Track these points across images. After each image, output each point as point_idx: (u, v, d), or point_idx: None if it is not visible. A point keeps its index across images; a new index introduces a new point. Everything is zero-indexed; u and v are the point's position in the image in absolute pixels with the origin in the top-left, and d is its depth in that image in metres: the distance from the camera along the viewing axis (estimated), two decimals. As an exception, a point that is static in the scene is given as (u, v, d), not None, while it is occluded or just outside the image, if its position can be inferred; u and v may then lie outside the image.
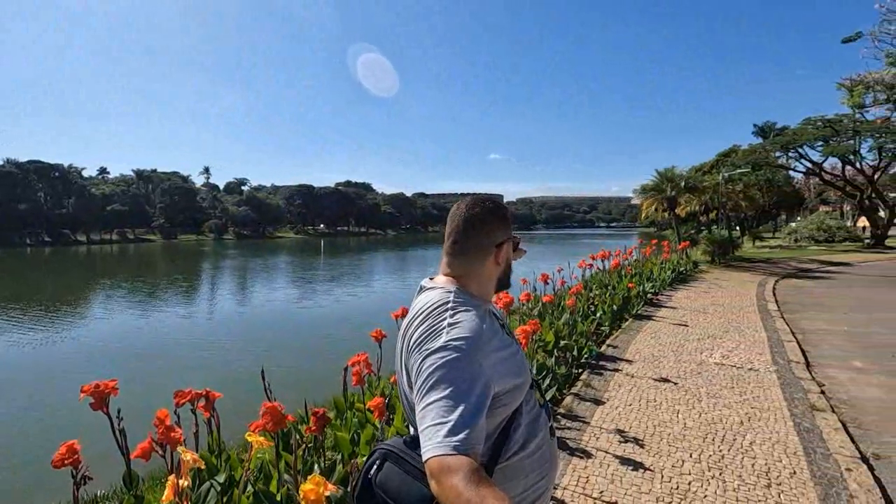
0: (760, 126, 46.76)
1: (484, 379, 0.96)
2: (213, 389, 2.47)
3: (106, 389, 2.06)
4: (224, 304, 15.61)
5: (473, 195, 1.19)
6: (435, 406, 0.91)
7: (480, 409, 0.91)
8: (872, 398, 4.32)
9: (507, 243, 1.16)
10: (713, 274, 13.34)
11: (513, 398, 1.06)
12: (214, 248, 55.35)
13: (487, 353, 1.00)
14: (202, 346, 9.56)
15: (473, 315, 1.04)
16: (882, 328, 7.01)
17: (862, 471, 2.96)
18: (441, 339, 0.99)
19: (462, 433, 0.86)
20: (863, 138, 22.57)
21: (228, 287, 20.77)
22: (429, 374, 0.95)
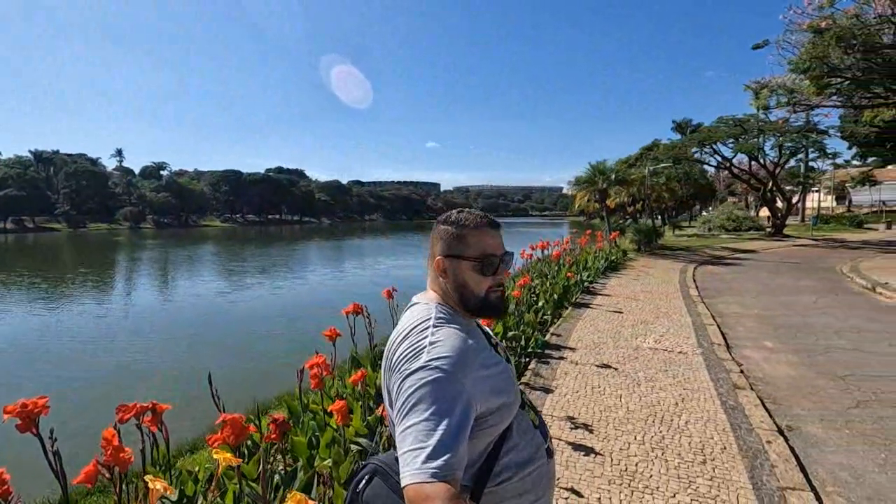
0: (679, 122, 50.32)
1: (465, 399, 0.92)
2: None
3: (35, 409, 1.85)
4: (145, 300, 14.49)
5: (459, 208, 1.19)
6: (413, 430, 0.88)
7: (461, 433, 0.89)
8: (783, 375, 4.82)
9: (448, 259, 1.10)
10: (640, 262, 14.24)
11: (500, 419, 1.03)
12: (130, 239, 51.05)
13: (470, 371, 0.97)
14: (123, 348, 8.84)
15: (456, 331, 1.02)
16: (786, 310, 7.83)
17: (780, 442, 3.30)
18: (421, 359, 0.96)
19: (440, 459, 0.84)
20: (766, 137, 24.92)
21: (149, 281, 19.27)
22: (408, 395, 0.93)
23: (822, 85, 13.84)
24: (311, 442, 2.80)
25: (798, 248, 19.51)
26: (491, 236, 1.10)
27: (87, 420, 5.14)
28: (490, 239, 1.10)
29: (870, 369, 4.92)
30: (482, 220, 1.12)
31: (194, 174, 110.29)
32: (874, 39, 12.18)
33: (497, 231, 1.13)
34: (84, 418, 5.24)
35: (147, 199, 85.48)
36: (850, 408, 3.98)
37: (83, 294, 15.37)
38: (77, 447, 3.90)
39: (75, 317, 11.81)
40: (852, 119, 27.70)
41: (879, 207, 46.65)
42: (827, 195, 53.54)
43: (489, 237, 1.10)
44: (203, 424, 4.38)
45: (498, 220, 1.16)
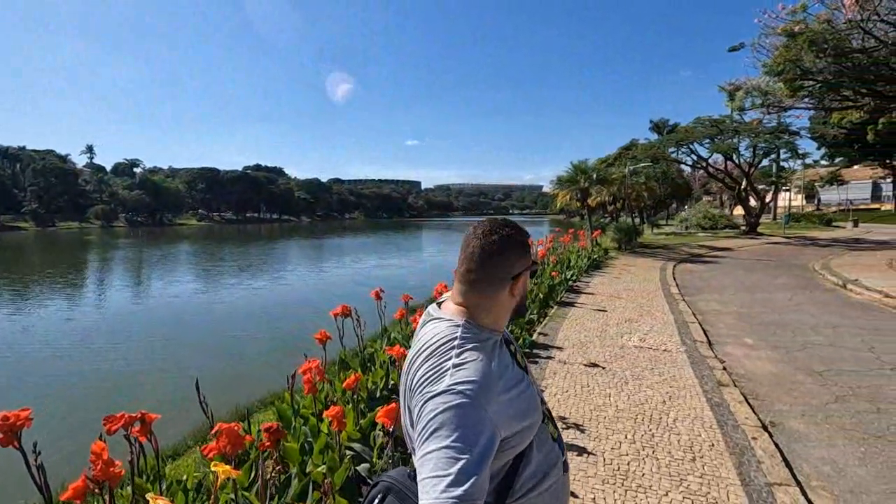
0: (656, 122, 51.24)
1: (490, 428, 0.90)
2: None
3: (17, 421, 1.77)
4: (117, 302, 14.06)
5: (490, 219, 1.07)
6: (434, 456, 0.86)
7: (484, 461, 0.87)
8: (764, 371, 4.95)
9: (525, 274, 1.08)
10: (622, 260, 14.45)
11: (522, 439, 1.01)
12: (102, 238, 49.56)
13: (494, 396, 0.94)
14: (97, 353, 8.57)
15: (481, 355, 0.98)
16: (764, 308, 8.03)
17: (765, 438, 3.38)
18: (444, 382, 0.93)
19: (462, 487, 0.82)
20: (741, 138, 25.55)
21: (121, 282, 18.73)
22: (430, 419, 0.90)
23: (795, 87, 14.23)
24: (304, 448, 2.75)
25: (772, 246, 20.06)
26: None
27: (65, 429, 4.97)
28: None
29: (845, 365, 5.08)
30: (521, 227, 1.12)
31: (169, 171, 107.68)
32: (844, 44, 12.56)
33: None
34: (62, 427, 5.07)
35: (119, 197, 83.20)
36: (829, 403, 4.10)
37: (50, 297, 14.85)
38: (56, 457, 3.77)
39: (42, 321, 11.38)
40: (821, 121, 28.65)
41: (847, 206, 48.27)
42: (797, 194, 55.18)
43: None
44: (185, 428, 4.28)
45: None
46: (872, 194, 56.75)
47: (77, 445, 4.33)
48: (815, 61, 12.87)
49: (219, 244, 38.76)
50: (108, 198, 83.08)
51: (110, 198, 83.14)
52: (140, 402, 4.36)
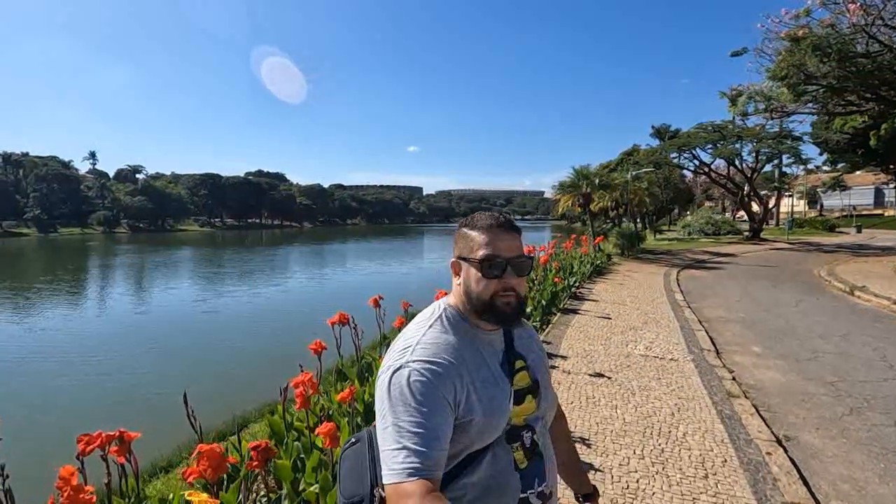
0: (657, 128, 51.22)
1: (445, 402, 0.93)
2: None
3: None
4: (114, 308, 13.94)
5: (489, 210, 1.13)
6: (393, 428, 0.90)
7: (439, 434, 0.90)
8: (773, 381, 4.80)
9: (467, 263, 1.04)
10: (625, 266, 14.30)
11: (469, 439, 0.98)
12: (104, 244, 49.50)
13: (451, 380, 0.95)
14: (86, 361, 8.43)
15: (447, 336, 1.02)
16: (770, 314, 7.88)
17: (779, 453, 3.24)
18: (406, 357, 0.97)
19: (419, 458, 0.86)
20: (744, 143, 25.44)
21: (117, 290, 18.61)
22: (390, 393, 0.94)
23: (798, 92, 14.11)
24: (297, 465, 2.62)
25: (775, 252, 19.89)
26: (500, 237, 1.02)
27: (42, 448, 4.83)
28: (499, 240, 1.02)
29: (858, 374, 4.93)
30: (493, 220, 1.05)
31: (171, 177, 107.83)
32: (848, 48, 12.45)
33: (510, 233, 1.04)
34: (37, 445, 4.92)
35: (122, 203, 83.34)
36: (844, 415, 3.95)
37: (42, 304, 14.73)
38: (26, 478, 3.64)
39: (27, 330, 11.25)
40: (824, 126, 28.54)
41: (849, 211, 48.09)
42: (800, 199, 55.03)
43: (499, 238, 1.02)
44: (179, 440, 4.13)
45: (514, 221, 1.07)
46: (875, 200, 56.56)
47: (48, 462, 4.20)
48: (819, 66, 12.77)
49: (219, 250, 38.68)
50: (110, 204, 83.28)
51: (112, 204, 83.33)
52: (129, 414, 4.23)
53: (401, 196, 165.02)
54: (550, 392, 1.13)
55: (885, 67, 12.81)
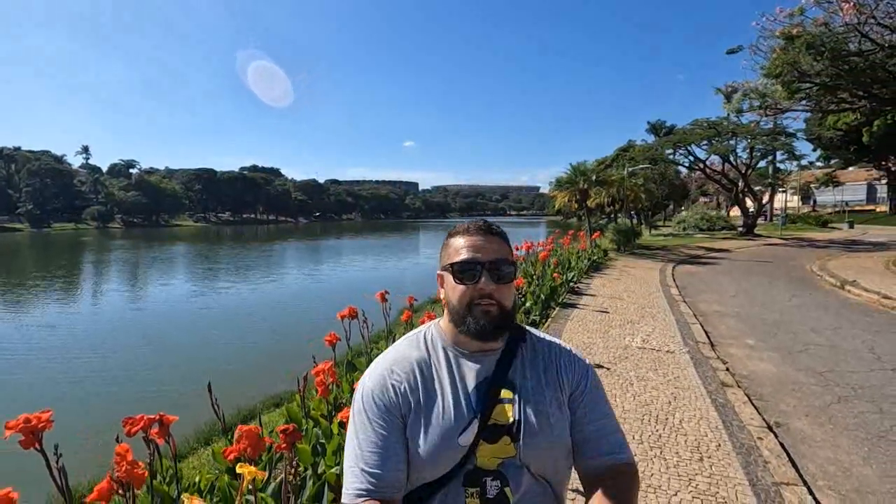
0: (653, 124, 51.41)
1: (397, 417, 0.93)
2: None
3: (39, 423, 1.77)
4: (113, 303, 14.02)
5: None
6: (352, 447, 0.93)
7: (394, 452, 0.90)
8: (766, 373, 4.98)
9: (446, 273, 0.99)
10: (621, 261, 14.50)
11: (419, 463, 0.92)
12: (98, 240, 49.25)
13: (402, 394, 0.94)
14: (99, 354, 8.55)
15: (413, 352, 1.00)
16: (764, 308, 8.09)
17: (770, 438, 3.42)
18: (367, 372, 1.01)
19: (373, 479, 0.88)
20: (739, 139, 25.69)
21: (114, 284, 18.67)
22: (353, 407, 0.98)
23: (792, 90, 14.31)
24: (316, 449, 2.76)
25: (769, 248, 20.17)
26: (476, 241, 0.97)
27: (75, 432, 4.97)
28: (474, 244, 0.96)
29: (847, 366, 5.13)
30: (471, 224, 1.02)
31: (165, 172, 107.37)
32: (841, 47, 12.65)
33: (487, 236, 0.98)
34: (73, 430, 5.06)
35: (116, 198, 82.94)
36: (832, 403, 4.14)
37: (39, 302, 14.79)
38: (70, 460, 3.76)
39: (49, 327, 11.35)
40: (817, 123, 28.85)
41: (842, 207, 48.56)
42: (793, 195, 55.51)
43: (474, 242, 0.97)
44: (186, 430, 4.26)
45: (496, 226, 1.02)
46: (867, 196, 57.18)
47: (85, 449, 4.34)
48: (813, 64, 12.96)
49: (215, 246, 38.62)
50: (103, 199, 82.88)
51: (106, 199, 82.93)
52: (144, 406, 4.34)
53: (396, 191, 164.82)
54: (548, 438, 0.94)
55: (878, 66, 13.02)
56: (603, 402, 1.01)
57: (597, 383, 1.02)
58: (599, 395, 1.01)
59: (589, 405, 0.98)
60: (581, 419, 0.98)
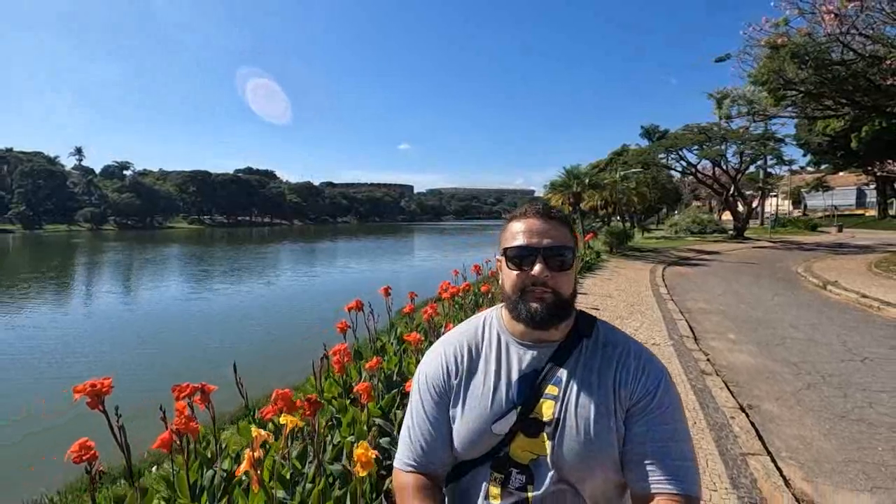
0: (646, 128, 52.08)
1: (445, 392, 0.98)
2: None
3: (102, 388, 2.07)
4: (107, 305, 14.24)
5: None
6: (407, 417, 1.03)
7: (439, 427, 0.96)
8: (744, 363, 5.33)
9: (502, 258, 0.97)
10: (613, 262, 14.88)
11: (457, 440, 0.96)
12: (92, 242, 49.08)
13: (448, 369, 0.99)
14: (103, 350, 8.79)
15: (470, 331, 1.03)
16: (748, 306, 8.46)
17: (742, 418, 3.75)
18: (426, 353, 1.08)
19: (415, 453, 0.96)
20: (729, 144, 26.24)
21: (108, 286, 18.82)
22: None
23: (778, 97, 14.77)
24: (331, 423, 3.06)
25: (758, 250, 20.63)
26: (533, 225, 0.93)
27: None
28: (529, 229, 0.92)
29: (819, 357, 5.49)
30: (528, 207, 0.97)
31: (160, 174, 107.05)
32: (824, 56, 13.13)
33: (544, 220, 0.93)
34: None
35: (109, 200, 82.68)
36: (802, 389, 4.49)
37: (49, 296, 14.97)
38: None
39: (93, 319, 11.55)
40: (807, 128, 29.44)
41: (832, 211, 49.33)
42: (784, 199, 56.32)
43: (530, 226, 0.93)
44: (202, 413, 4.53)
45: (556, 210, 0.97)
46: (857, 200, 58.04)
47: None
48: (798, 72, 13.43)
49: (210, 249, 38.71)
50: (97, 200, 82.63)
51: (99, 200, 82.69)
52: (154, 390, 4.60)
53: (392, 194, 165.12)
54: (587, 446, 0.88)
55: (859, 74, 13.51)
56: (672, 422, 0.89)
57: (668, 400, 0.90)
58: (669, 413, 0.89)
59: (651, 423, 0.88)
60: (638, 436, 0.88)
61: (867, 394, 4.33)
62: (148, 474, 3.01)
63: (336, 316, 4.22)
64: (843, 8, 12.18)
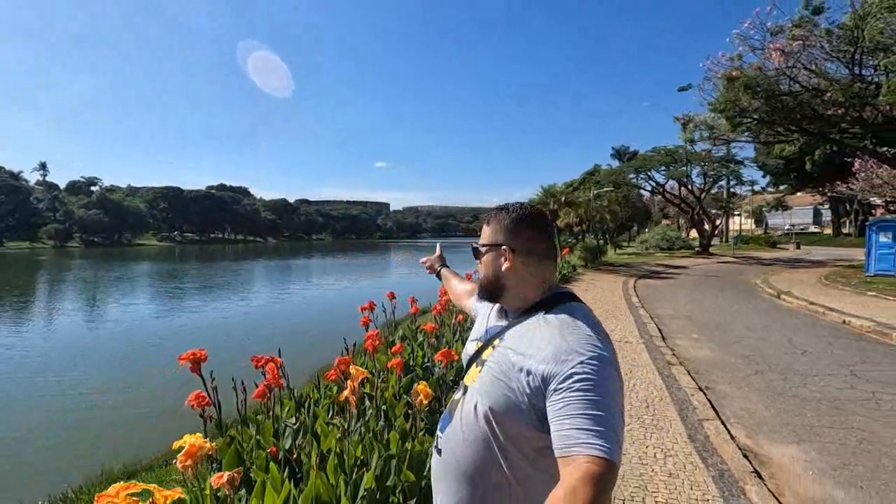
0: (617, 149, 54.32)
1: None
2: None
3: (200, 357, 2.62)
4: (67, 325, 14.30)
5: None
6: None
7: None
8: (704, 356, 6.11)
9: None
10: (588, 276, 15.77)
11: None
12: (57, 259, 47.52)
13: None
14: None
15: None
16: (711, 313, 9.35)
17: (700, 395, 4.48)
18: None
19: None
20: (693, 166, 27.91)
21: (72, 304, 18.73)
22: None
23: (735, 123, 16.11)
24: (362, 399, 3.63)
25: (722, 265, 21.95)
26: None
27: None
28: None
29: (768, 351, 6.32)
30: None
31: (128, 190, 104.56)
32: (774, 88, 14.51)
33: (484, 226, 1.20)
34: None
35: (75, 216, 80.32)
36: (751, 375, 5.27)
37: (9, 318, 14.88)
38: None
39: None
40: (764, 152, 31.51)
41: (790, 229, 52.10)
42: (747, 218, 59.15)
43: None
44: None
45: (491, 217, 1.18)
46: (814, 219, 61.40)
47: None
48: (751, 102, 14.77)
49: (181, 266, 38.26)
50: (62, 216, 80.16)
51: (65, 216, 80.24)
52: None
53: (368, 212, 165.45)
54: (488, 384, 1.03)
55: (805, 105, 14.93)
56: (572, 402, 0.84)
57: (571, 380, 0.87)
58: (570, 395, 0.86)
59: (552, 405, 0.87)
60: (550, 415, 0.88)
61: (803, 377, 5.14)
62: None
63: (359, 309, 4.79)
64: (789, 45, 13.60)
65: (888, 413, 4.14)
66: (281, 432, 2.75)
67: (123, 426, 5.62)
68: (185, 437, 1.60)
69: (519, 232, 1.12)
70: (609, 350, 0.95)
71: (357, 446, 2.38)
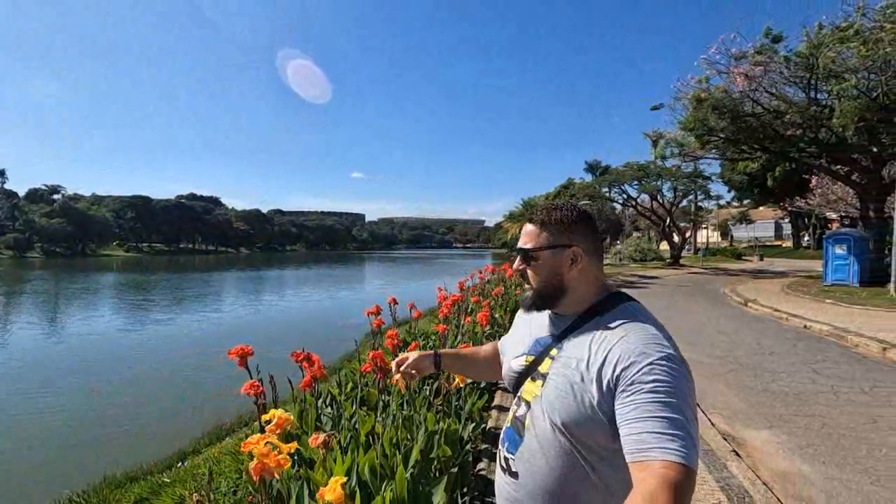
0: (590, 163, 55.88)
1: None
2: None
3: (247, 352, 2.89)
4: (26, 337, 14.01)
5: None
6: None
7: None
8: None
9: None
10: (567, 285, 16.29)
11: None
12: (14, 270, 44.89)
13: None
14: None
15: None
16: (683, 320, 9.94)
17: (682, 391, 4.91)
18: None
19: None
20: (663, 180, 29.13)
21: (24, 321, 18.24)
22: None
23: (703, 141, 17.10)
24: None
25: (692, 275, 22.94)
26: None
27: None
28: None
29: (739, 352, 6.86)
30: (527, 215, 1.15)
31: (93, 199, 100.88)
32: (738, 109, 15.52)
33: (525, 225, 1.11)
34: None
35: (36, 226, 77.05)
36: (725, 373, 5.77)
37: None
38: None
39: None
40: (729, 168, 33.10)
41: (754, 242, 54.41)
42: (714, 231, 61.49)
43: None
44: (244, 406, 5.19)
45: (534, 216, 1.09)
46: (776, 232, 64.37)
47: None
48: (718, 122, 15.75)
49: (148, 276, 37.33)
50: (21, 226, 76.84)
51: (25, 226, 76.92)
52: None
53: (343, 222, 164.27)
54: (556, 399, 0.98)
55: (767, 125, 15.98)
56: (643, 405, 0.83)
57: (641, 382, 0.86)
58: (640, 397, 0.84)
59: (621, 407, 0.86)
60: (619, 418, 0.86)
61: (772, 374, 5.67)
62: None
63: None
64: (751, 70, 14.61)
65: (845, 403, 4.67)
66: (319, 419, 3.03)
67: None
68: (272, 411, 1.90)
69: (584, 230, 1.07)
70: (676, 350, 0.93)
71: (398, 428, 2.69)
